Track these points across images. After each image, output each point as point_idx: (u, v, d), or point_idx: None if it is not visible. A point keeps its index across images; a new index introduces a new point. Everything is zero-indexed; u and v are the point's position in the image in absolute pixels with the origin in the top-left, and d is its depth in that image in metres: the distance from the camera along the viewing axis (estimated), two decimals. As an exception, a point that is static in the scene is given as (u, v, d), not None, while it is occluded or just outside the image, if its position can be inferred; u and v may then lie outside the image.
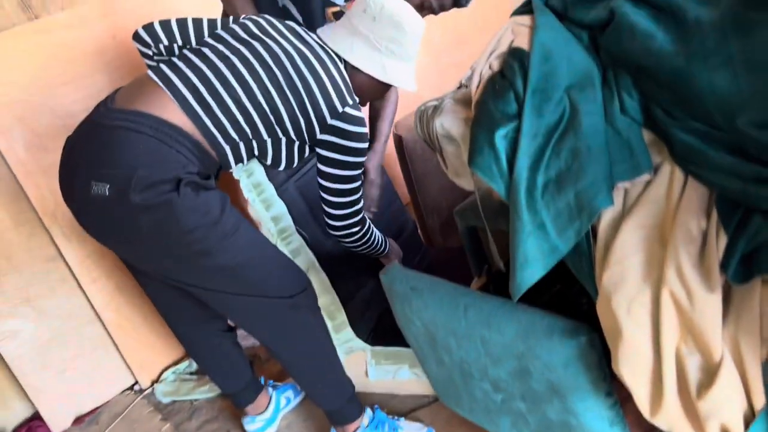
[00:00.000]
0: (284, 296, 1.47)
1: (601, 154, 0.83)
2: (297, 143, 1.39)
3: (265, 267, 1.45)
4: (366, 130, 1.40)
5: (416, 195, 2.33)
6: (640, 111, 0.85)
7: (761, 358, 0.70)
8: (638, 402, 0.78)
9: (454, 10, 1.73)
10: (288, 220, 1.73)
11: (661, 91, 0.80)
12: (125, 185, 1.22)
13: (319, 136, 1.36)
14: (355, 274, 1.90)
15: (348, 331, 1.85)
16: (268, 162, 1.43)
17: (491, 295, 0.99)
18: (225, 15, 1.92)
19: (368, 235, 1.61)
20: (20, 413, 2.27)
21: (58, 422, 2.22)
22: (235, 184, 1.77)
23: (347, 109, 1.35)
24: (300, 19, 1.75)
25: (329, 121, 1.33)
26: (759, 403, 0.71)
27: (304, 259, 1.77)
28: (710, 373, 0.72)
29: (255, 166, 1.66)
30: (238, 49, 1.34)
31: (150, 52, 1.46)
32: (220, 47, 1.35)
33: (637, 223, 0.81)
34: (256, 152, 1.39)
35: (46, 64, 2.06)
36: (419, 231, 2.27)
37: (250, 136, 1.33)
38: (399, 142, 2.22)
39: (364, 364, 1.87)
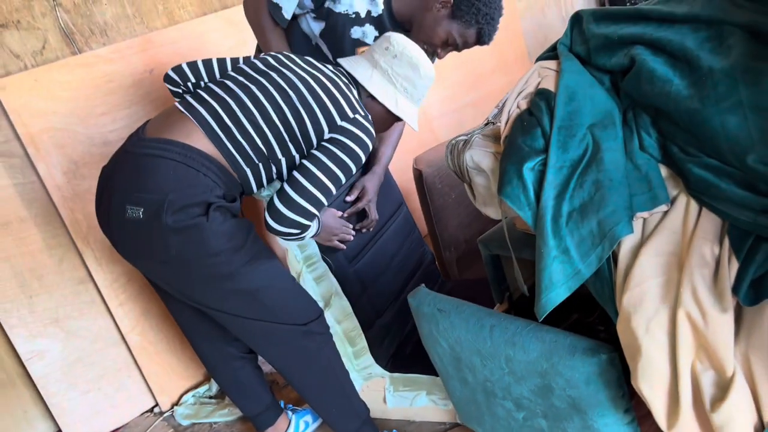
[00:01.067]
0: (298, 323, 1.55)
1: (621, 186, 0.92)
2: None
3: (281, 294, 1.53)
4: (371, 143, 1.44)
5: (434, 228, 2.41)
6: (658, 148, 0.93)
7: (770, 374, 0.77)
8: (656, 415, 0.84)
9: (474, 48, 1.83)
10: (314, 248, 1.80)
11: (678, 131, 0.88)
12: (158, 208, 1.33)
13: (327, 135, 1.42)
14: (375, 301, 1.97)
15: (368, 357, 1.91)
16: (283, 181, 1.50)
17: (515, 317, 1.06)
18: (259, 51, 2.03)
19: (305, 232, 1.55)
20: (43, 431, 2.32)
21: (80, 442, 2.26)
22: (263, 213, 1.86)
23: (357, 117, 1.43)
24: (331, 57, 1.86)
25: (339, 122, 1.41)
26: (768, 416, 0.77)
27: (328, 285, 1.84)
28: (723, 388, 0.78)
29: (283, 195, 1.74)
30: (257, 78, 1.45)
31: (179, 90, 1.57)
32: (241, 78, 1.47)
33: (655, 250, 0.88)
34: (275, 174, 1.47)
35: (86, 96, 2.18)
36: (436, 263, 2.33)
37: (267, 156, 1.41)
38: (419, 176, 2.30)
39: (382, 391, 1.92)
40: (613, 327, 0.93)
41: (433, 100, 2.98)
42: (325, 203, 1.42)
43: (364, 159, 1.44)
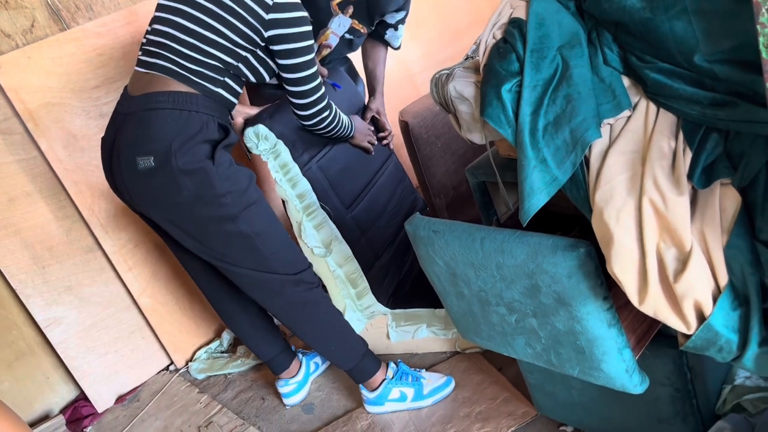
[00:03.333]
0: (289, 273, 1.69)
1: (589, 98, 1.03)
2: (258, 51, 1.59)
3: (275, 242, 1.67)
4: (304, 11, 1.59)
5: (423, 177, 2.51)
6: (620, 61, 1.05)
7: (722, 245, 0.89)
8: (629, 294, 0.96)
9: (450, 6, 1.93)
10: (312, 197, 1.91)
11: (635, 42, 0.99)
12: (166, 153, 1.48)
13: (266, 34, 1.56)
14: (373, 244, 2.08)
15: (370, 297, 2.03)
16: (253, 79, 1.63)
17: (503, 228, 1.18)
18: None
19: (338, 118, 1.84)
20: (66, 395, 2.45)
21: (102, 402, 2.40)
22: (263, 166, 1.96)
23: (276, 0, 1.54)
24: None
25: (266, 17, 1.53)
26: (723, 281, 0.89)
27: (328, 231, 1.95)
28: (683, 261, 0.90)
29: (281, 148, 1.84)
30: (175, 7, 1.56)
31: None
32: (164, 15, 1.58)
33: (620, 150, 1.00)
34: (242, 78, 1.62)
35: (78, 70, 2.25)
36: (428, 210, 2.44)
37: (225, 69, 1.56)
38: (405, 127, 2.40)
39: (385, 327, 2.05)
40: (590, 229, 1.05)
41: (413, 57, 3.07)
42: (319, 79, 1.67)
43: (310, 28, 1.60)
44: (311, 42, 1.62)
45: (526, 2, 1.14)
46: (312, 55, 1.63)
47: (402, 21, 2.15)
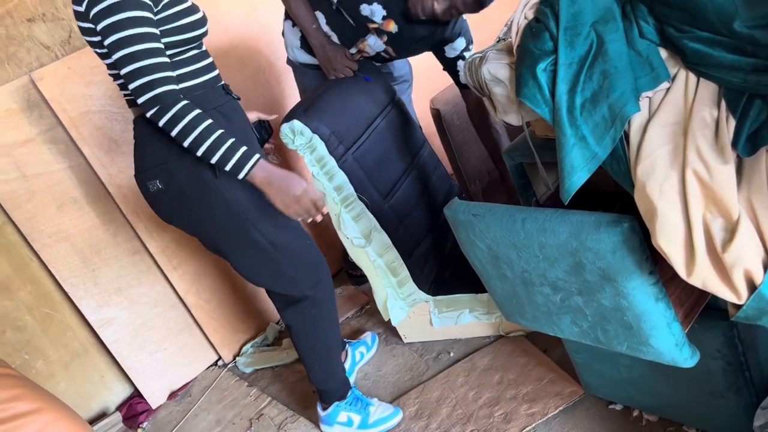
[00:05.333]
0: (300, 287, 1.73)
1: (626, 72, 1.02)
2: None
3: (291, 252, 1.68)
4: None
5: (458, 163, 2.52)
6: (656, 33, 1.04)
7: (771, 212, 0.88)
8: (676, 266, 0.96)
9: None
10: (349, 189, 1.93)
11: (672, 12, 0.98)
12: (169, 174, 1.52)
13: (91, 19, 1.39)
14: (412, 232, 2.09)
15: (411, 285, 2.04)
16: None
17: (544, 208, 1.18)
18: (287, 16, 2.14)
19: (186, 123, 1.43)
20: (121, 393, 2.53)
21: (156, 398, 2.46)
22: (301, 159, 1.98)
23: None
24: (350, 20, 1.95)
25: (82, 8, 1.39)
26: (773, 248, 0.89)
27: (366, 222, 1.97)
28: (731, 231, 0.89)
29: (317, 142, 1.86)
30: None
31: None
32: None
33: (661, 122, 0.99)
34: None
35: (115, 77, 2.29)
36: (464, 196, 2.45)
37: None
38: (437, 115, 2.40)
39: (428, 314, 2.06)
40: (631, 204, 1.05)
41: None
42: (147, 46, 1.37)
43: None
44: (130, 14, 1.36)
45: (557, -20, 1.14)
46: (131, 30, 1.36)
47: (467, 49, 2.08)
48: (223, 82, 1.64)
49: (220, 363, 2.58)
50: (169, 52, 1.45)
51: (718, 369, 1.30)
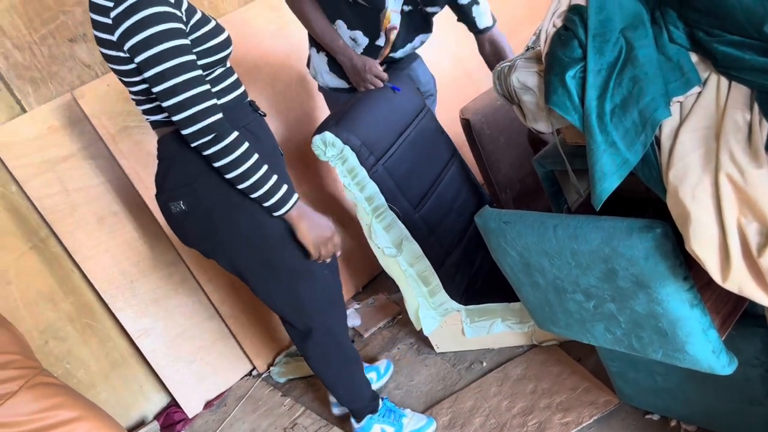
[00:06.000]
0: (318, 315, 1.73)
1: (656, 77, 1.02)
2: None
3: (313, 278, 1.67)
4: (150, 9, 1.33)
5: (488, 173, 2.52)
6: (686, 38, 1.03)
7: (807, 215, 0.87)
8: (710, 271, 0.95)
9: (505, 4, 1.92)
10: (380, 199, 1.95)
11: (701, 17, 0.98)
12: (194, 195, 1.50)
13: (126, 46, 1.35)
14: (443, 242, 2.10)
15: (442, 294, 2.05)
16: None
17: (575, 214, 1.18)
18: (311, 39, 2.19)
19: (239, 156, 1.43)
20: (158, 402, 2.57)
21: (192, 407, 2.51)
22: (332, 170, 2.01)
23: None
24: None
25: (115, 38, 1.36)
26: (811, 251, 0.87)
27: (397, 231, 1.99)
28: (767, 235, 0.88)
29: (348, 154, 1.89)
30: None
31: None
32: None
33: (692, 127, 0.99)
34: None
35: (153, 93, 2.36)
36: (495, 205, 2.44)
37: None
38: (467, 125, 2.41)
39: (459, 324, 2.06)
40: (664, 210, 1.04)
41: (471, 53, 3.07)
42: (191, 75, 1.36)
43: (162, 9, 1.33)
44: (160, 33, 1.33)
45: (584, -12, 1.15)
46: (179, 56, 1.35)
47: None
48: (249, 99, 1.64)
49: (254, 373, 2.61)
50: None
51: (756, 376, 1.28)
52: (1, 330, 1.80)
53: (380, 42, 2.06)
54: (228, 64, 1.58)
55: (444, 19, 3.07)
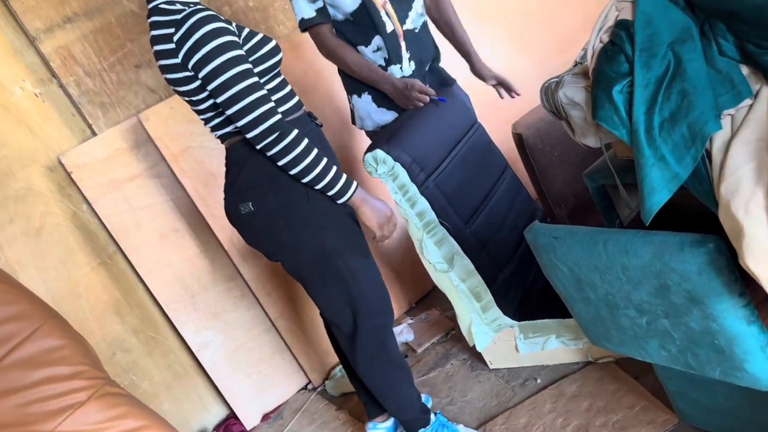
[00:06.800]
0: (372, 318, 1.75)
1: (706, 90, 1.01)
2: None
3: (368, 281, 1.73)
4: (201, 18, 1.45)
5: (541, 188, 2.50)
6: (736, 50, 1.03)
7: None
8: (766, 287, 0.93)
9: (560, 15, 1.93)
10: (431, 215, 1.97)
11: (750, 30, 0.97)
12: (262, 196, 1.59)
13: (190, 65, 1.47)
14: (494, 257, 2.10)
15: (495, 310, 2.04)
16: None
17: (625, 229, 1.17)
18: (342, 72, 2.26)
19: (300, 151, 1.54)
20: (218, 413, 2.64)
21: (250, 420, 2.56)
22: (384, 187, 2.05)
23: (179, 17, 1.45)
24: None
25: (180, 60, 1.48)
26: None
27: (448, 247, 2.00)
28: (825, 249, 0.86)
29: (399, 170, 1.92)
30: None
31: None
32: None
33: (744, 140, 0.97)
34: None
35: (213, 115, 2.46)
36: (548, 220, 2.42)
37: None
38: (519, 140, 2.41)
39: (513, 340, 2.05)
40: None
41: (524, 68, 3.07)
42: (250, 82, 1.47)
43: (217, 25, 1.45)
44: (223, 44, 1.46)
45: (632, 3, 1.15)
46: (240, 63, 1.48)
47: None
48: (305, 109, 1.73)
49: (309, 387, 2.65)
50: None
51: (823, 397, 1.23)
52: (72, 342, 1.90)
53: (385, 19, 2.08)
54: (282, 76, 1.67)
55: (497, 35, 3.09)
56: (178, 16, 1.45)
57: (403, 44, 2.12)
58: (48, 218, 2.31)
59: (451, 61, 2.42)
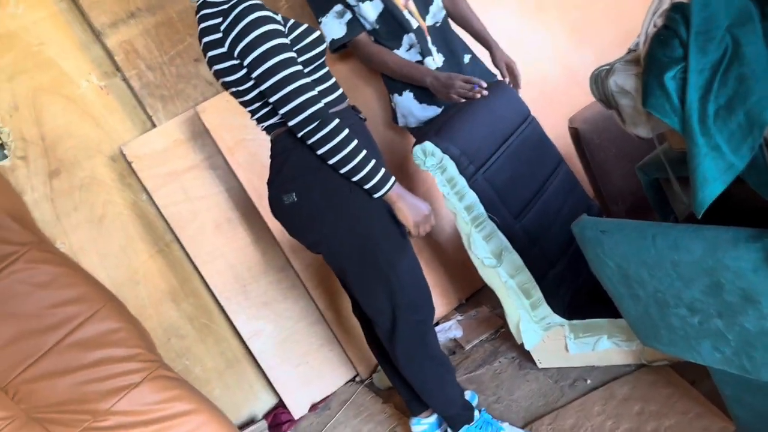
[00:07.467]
0: (412, 314, 1.74)
1: (765, 75, 0.95)
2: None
3: (410, 276, 1.73)
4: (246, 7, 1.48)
5: (598, 184, 2.42)
6: (800, 32, 0.95)
7: None
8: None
9: (622, 7, 1.87)
10: (480, 209, 1.93)
11: (815, 9, 0.90)
12: (306, 187, 1.61)
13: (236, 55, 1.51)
14: (545, 253, 2.05)
15: (545, 307, 1.99)
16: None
17: (675, 223, 1.11)
18: (384, 76, 2.29)
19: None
20: (267, 402, 2.69)
21: (298, 409, 2.59)
22: (432, 181, 2.03)
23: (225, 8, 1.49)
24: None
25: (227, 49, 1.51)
26: None
27: (497, 242, 1.96)
28: None
29: (447, 163, 1.90)
30: None
31: None
32: None
33: (806, 127, 0.91)
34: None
35: (268, 108, 2.50)
36: (604, 216, 2.34)
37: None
38: (576, 134, 2.34)
39: (563, 339, 1.99)
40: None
41: (584, 62, 2.98)
42: (294, 69, 1.49)
43: (263, 14, 1.48)
44: (266, 30, 1.49)
45: (688, -15, 1.09)
46: (283, 51, 1.50)
47: None
48: (350, 104, 1.74)
49: (357, 379, 2.66)
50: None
51: None
52: (129, 325, 1.97)
53: (408, 17, 2.13)
54: (326, 68, 1.68)
55: (553, 28, 3.01)
56: (225, 6, 1.50)
57: (429, 38, 2.17)
58: (110, 207, 2.40)
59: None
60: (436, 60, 2.19)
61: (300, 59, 1.56)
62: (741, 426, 1.49)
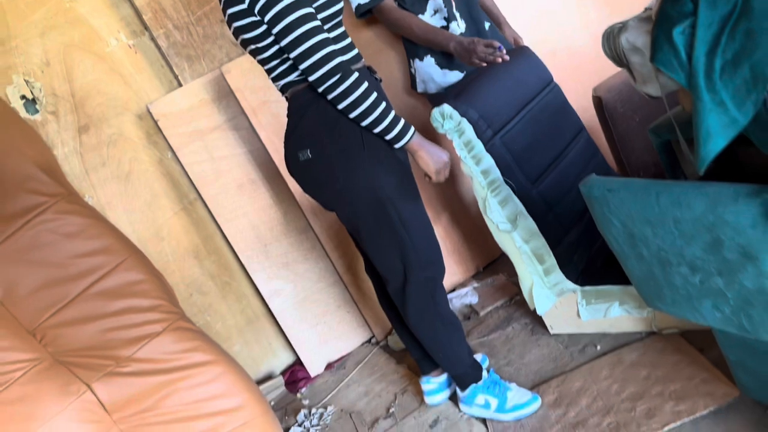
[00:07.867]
0: (423, 271, 1.77)
1: (773, 30, 0.94)
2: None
3: (421, 234, 1.75)
4: None
5: (620, 154, 2.40)
6: (810, -15, 0.94)
7: None
8: (823, 240, 0.87)
9: None
10: (496, 173, 1.94)
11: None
12: (321, 143, 1.63)
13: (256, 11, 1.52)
14: (561, 220, 2.05)
15: (558, 274, 2.00)
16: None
17: (679, 181, 1.12)
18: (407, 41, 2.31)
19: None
20: (285, 359, 2.75)
21: (314, 367, 2.65)
22: (448, 143, 2.04)
23: None
24: None
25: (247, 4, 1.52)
26: None
27: (512, 207, 1.97)
28: None
29: (465, 126, 1.90)
30: None
31: None
32: None
33: (810, 82, 0.90)
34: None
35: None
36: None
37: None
38: (599, 103, 2.32)
39: (575, 305, 2.00)
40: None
41: (611, 31, 2.93)
42: (314, 24, 1.52)
43: None
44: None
45: (702, -61, 1.07)
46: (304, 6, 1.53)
47: None
48: (366, 63, 1.76)
49: (373, 340, 2.71)
50: None
51: None
52: (152, 277, 2.04)
53: None
54: (343, 27, 1.70)
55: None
56: None
57: (453, 3, 2.19)
58: (136, 164, 2.47)
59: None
60: (460, 25, 2.20)
61: (318, 17, 1.57)
62: (744, 392, 1.50)
